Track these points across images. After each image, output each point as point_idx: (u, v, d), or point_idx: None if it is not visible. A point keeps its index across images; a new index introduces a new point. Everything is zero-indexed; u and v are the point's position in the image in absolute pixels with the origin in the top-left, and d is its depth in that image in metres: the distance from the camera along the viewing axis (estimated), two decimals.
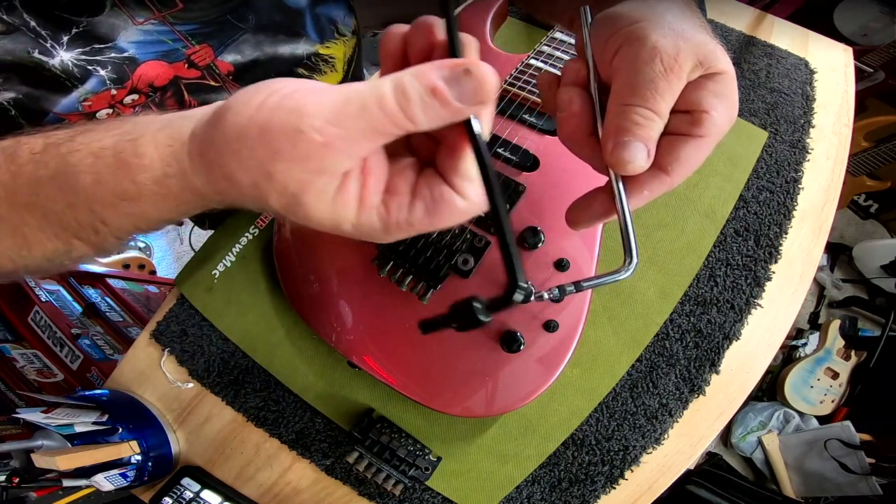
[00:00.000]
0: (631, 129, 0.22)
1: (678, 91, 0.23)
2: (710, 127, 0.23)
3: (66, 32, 0.30)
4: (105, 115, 0.34)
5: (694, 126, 0.23)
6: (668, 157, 0.23)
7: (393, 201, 0.20)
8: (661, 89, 0.22)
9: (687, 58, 0.22)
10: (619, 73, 0.24)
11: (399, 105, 0.18)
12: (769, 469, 1.23)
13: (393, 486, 0.42)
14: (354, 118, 0.18)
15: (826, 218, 0.54)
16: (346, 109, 0.18)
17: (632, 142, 0.22)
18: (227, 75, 0.39)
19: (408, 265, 0.42)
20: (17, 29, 0.29)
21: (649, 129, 0.22)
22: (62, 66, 0.31)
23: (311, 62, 0.44)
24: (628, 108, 0.23)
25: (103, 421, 0.44)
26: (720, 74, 0.23)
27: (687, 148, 0.23)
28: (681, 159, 0.23)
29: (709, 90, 0.23)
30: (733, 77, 0.24)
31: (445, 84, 0.18)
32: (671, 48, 0.22)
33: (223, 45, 0.37)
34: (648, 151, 0.23)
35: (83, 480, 0.41)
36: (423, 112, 0.18)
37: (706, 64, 0.23)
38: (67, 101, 0.32)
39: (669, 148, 0.23)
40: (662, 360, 0.47)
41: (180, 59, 0.36)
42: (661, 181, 0.24)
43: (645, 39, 0.23)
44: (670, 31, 0.23)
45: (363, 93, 0.18)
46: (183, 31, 0.35)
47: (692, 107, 0.23)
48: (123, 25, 0.32)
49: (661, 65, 0.22)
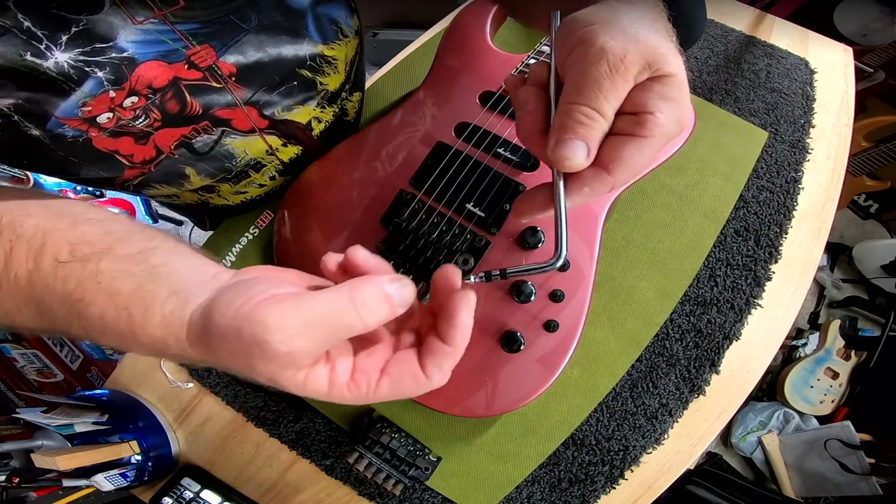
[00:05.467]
0: (573, 126, 0.23)
1: (623, 92, 0.23)
2: (654, 128, 0.23)
3: (66, 32, 0.30)
4: (106, 118, 0.34)
5: (638, 126, 0.23)
6: (610, 155, 0.24)
7: (362, 379, 0.24)
8: (606, 89, 0.23)
9: (634, 60, 0.23)
10: (569, 73, 0.25)
11: (358, 313, 0.22)
12: (769, 469, 1.23)
13: (393, 486, 0.42)
14: (315, 328, 0.21)
15: (826, 218, 0.54)
16: (309, 321, 0.21)
17: (572, 140, 0.23)
18: (230, 76, 0.39)
19: (408, 265, 0.42)
20: (8, 31, 0.28)
21: (591, 128, 0.23)
22: (57, 68, 0.30)
23: (314, 63, 0.44)
24: (572, 106, 0.23)
25: (103, 421, 0.44)
26: (668, 77, 0.23)
27: (629, 147, 0.23)
28: (623, 158, 0.23)
29: (655, 92, 0.23)
30: (682, 80, 0.24)
31: (394, 292, 0.23)
32: (619, 50, 0.23)
33: (225, 46, 0.37)
34: (589, 150, 0.23)
35: (83, 480, 0.41)
36: (376, 316, 0.22)
37: (654, 66, 0.23)
38: (67, 105, 0.32)
39: (612, 147, 0.24)
40: (662, 360, 0.47)
41: (180, 59, 0.35)
42: (602, 180, 0.24)
43: (594, 41, 0.23)
44: (621, 34, 0.23)
45: (324, 306, 0.21)
46: (184, 30, 0.35)
47: (637, 108, 0.23)
48: (123, 24, 0.32)
49: (607, 66, 0.23)
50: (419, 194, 0.45)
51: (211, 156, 0.43)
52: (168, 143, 0.39)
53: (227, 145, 0.43)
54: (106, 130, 0.35)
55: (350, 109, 0.55)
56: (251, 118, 0.43)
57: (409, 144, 0.48)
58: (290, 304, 0.21)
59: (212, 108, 0.40)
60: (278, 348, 0.20)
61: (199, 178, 0.45)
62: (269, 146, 0.47)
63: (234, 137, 0.43)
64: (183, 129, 0.39)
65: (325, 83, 0.46)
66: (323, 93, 0.47)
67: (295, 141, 0.49)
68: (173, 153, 0.40)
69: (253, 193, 0.52)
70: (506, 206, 0.43)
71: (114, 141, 0.36)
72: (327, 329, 0.21)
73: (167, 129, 0.38)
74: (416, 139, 0.48)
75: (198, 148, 0.42)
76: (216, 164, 0.44)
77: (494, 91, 0.50)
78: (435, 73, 0.53)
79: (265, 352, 0.21)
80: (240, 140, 0.44)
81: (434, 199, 0.44)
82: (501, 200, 0.44)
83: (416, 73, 0.65)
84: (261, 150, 0.47)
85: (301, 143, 0.50)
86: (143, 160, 0.39)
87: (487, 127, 0.47)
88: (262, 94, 0.42)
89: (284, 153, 0.50)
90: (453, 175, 0.45)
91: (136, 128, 0.36)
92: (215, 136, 0.42)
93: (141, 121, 0.36)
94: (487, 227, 0.43)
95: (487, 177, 0.45)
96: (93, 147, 0.35)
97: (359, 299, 0.22)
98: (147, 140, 0.38)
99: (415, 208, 0.44)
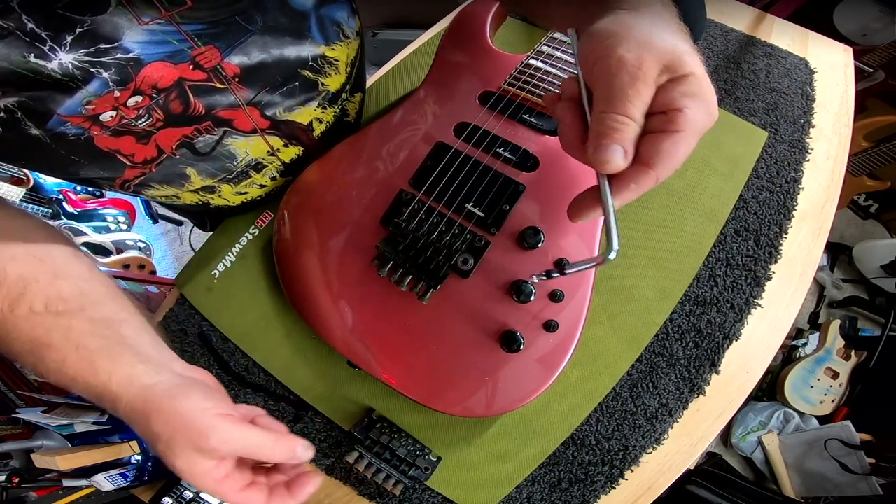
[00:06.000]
0: (607, 132, 0.26)
1: (648, 96, 0.26)
2: (684, 122, 0.25)
3: (70, 32, 0.29)
4: (109, 117, 0.34)
5: (669, 123, 0.25)
6: (648, 151, 0.26)
7: (227, 483, 0.30)
8: (630, 96, 0.25)
9: (651, 66, 0.25)
10: (596, 86, 0.27)
11: (272, 453, 0.31)
12: (769, 469, 1.23)
13: (393, 486, 0.42)
14: (239, 445, 0.30)
15: (826, 218, 0.54)
16: (242, 440, 0.30)
17: (609, 144, 0.25)
18: (234, 77, 0.39)
19: (408, 265, 0.42)
20: (12, 33, 0.28)
21: (623, 131, 0.25)
22: (62, 70, 0.30)
23: (316, 64, 0.44)
24: (604, 115, 0.26)
25: (103, 421, 0.44)
26: (688, 76, 0.26)
27: (665, 142, 0.25)
28: (661, 153, 0.25)
29: (678, 91, 0.25)
30: (702, 77, 0.26)
31: (301, 453, 0.32)
32: (634, 59, 0.25)
33: (230, 47, 0.37)
34: (625, 152, 0.26)
35: (83, 480, 0.41)
36: (279, 459, 0.31)
37: (672, 68, 0.26)
38: (72, 102, 0.32)
39: (649, 144, 0.26)
40: (662, 360, 0.47)
41: (186, 60, 0.35)
42: (645, 175, 0.26)
43: (612, 53, 0.26)
44: (635, 44, 0.26)
45: (254, 437, 0.30)
46: (190, 31, 0.35)
47: (666, 107, 0.26)
48: (128, 25, 0.32)
49: (627, 75, 0.25)
50: (419, 194, 0.45)
51: (212, 156, 0.43)
52: (169, 142, 0.39)
53: (228, 145, 0.43)
54: (108, 129, 0.35)
55: (351, 110, 0.55)
56: (253, 119, 0.43)
57: (409, 144, 0.48)
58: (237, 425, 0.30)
59: (214, 109, 0.40)
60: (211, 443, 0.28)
61: (200, 178, 0.45)
62: (271, 146, 0.47)
63: (236, 138, 0.43)
64: (185, 129, 0.39)
65: (326, 84, 0.47)
66: (324, 93, 0.47)
67: (296, 141, 0.49)
68: (174, 153, 0.40)
69: (254, 194, 0.52)
70: (505, 207, 0.44)
71: (115, 140, 0.36)
72: (248, 450, 0.30)
73: (169, 129, 0.38)
74: (415, 139, 0.49)
75: (199, 148, 0.42)
76: (217, 164, 0.44)
77: (494, 91, 0.50)
78: (435, 73, 0.53)
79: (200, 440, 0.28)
80: (241, 140, 0.44)
81: (434, 199, 0.44)
82: (501, 200, 0.44)
83: (416, 73, 0.65)
84: (262, 150, 0.47)
85: (302, 144, 0.50)
86: (144, 160, 0.39)
87: (487, 127, 0.47)
88: (264, 94, 0.42)
89: (286, 154, 0.50)
90: (453, 175, 0.45)
91: (138, 127, 0.36)
92: (217, 136, 0.42)
93: (143, 120, 0.36)
94: (487, 227, 0.43)
95: (487, 177, 0.45)
96: (94, 146, 0.35)
97: (279, 446, 0.31)
98: (148, 140, 0.38)
99: (414, 208, 0.44)
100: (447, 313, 0.41)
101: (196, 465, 0.29)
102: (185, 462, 0.29)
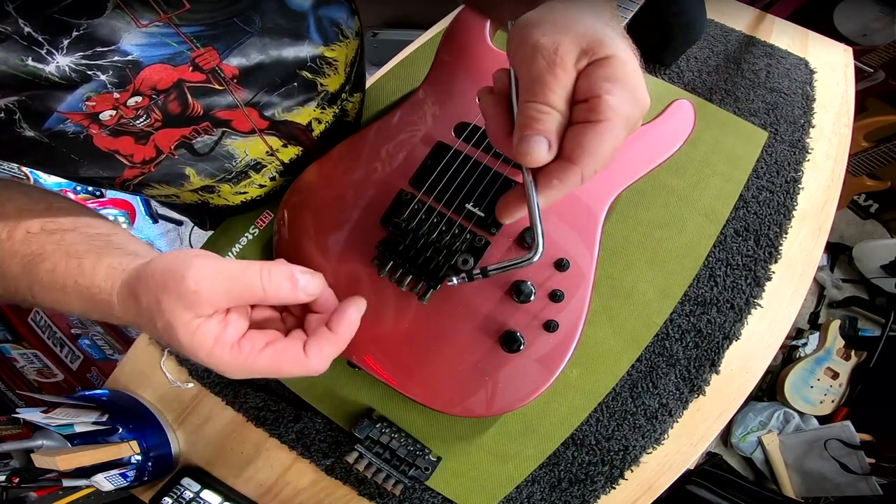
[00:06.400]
0: (529, 123, 0.24)
1: (568, 82, 0.24)
2: (606, 110, 0.23)
3: (66, 36, 0.29)
4: (109, 116, 0.34)
5: (590, 112, 0.23)
6: (570, 144, 0.24)
7: (246, 344, 0.27)
8: (549, 83, 0.24)
9: (567, 50, 0.24)
10: (519, 74, 0.26)
11: (262, 279, 0.27)
12: (769, 469, 1.23)
13: (393, 486, 0.42)
14: (223, 279, 0.26)
15: (826, 218, 0.54)
16: (220, 270, 0.26)
17: (531, 135, 0.24)
18: (232, 78, 0.39)
19: (408, 265, 0.42)
20: (9, 37, 0.28)
21: (543, 121, 0.24)
22: (60, 72, 0.30)
23: (315, 65, 0.44)
24: (525, 104, 0.24)
25: (103, 421, 0.44)
26: (608, 58, 0.24)
27: (588, 134, 0.23)
28: (583, 146, 0.23)
29: (598, 76, 0.24)
30: (625, 59, 0.24)
31: (300, 276, 0.28)
32: (550, 44, 0.24)
33: (229, 48, 0.37)
34: (549, 143, 0.24)
35: (83, 480, 0.41)
36: (278, 288, 0.27)
37: (591, 52, 0.24)
38: (72, 98, 0.32)
39: (571, 136, 0.24)
40: (662, 360, 0.47)
41: (185, 62, 0.35)
42: (568, 171, 0.24)
43: (528, 41, 0.25)
44: (551, 28, 0.25)
45: (237, 266, 0.27)
46: (188, 33, 0.35)
47: (587, 94, 0.24)
48: (127, 28, 0.32)
49: (543, 60, 0.24)
50: (419, 194, 0.45)
51: (211, 156, 0.43)
52: (168, 143, 0.39)
53: (227, 146, 0.43)
54: (107, 128, 0.35)
55: (350, 110, 0.55)
56: (251, 119, 0.43)
57: (409, 144, 0.48)
58: (210, 258, 0.27)
59: (213, 110, 0.40)
60: (189, 285, 0.25)
61: (199, 178, 0.45)
62: (270, 147, 0.47)
63: (235, 138, 0.43)
64: (183, 129, 0.39)
65: (325, 84, 0.46)
66: (323, 94, 0.47)
67: (295, 142, 0.49)
68: (173, 153, 0.40)
69: (253, 194, 0.52)
70: None
71: (114, 140, 0.36)
72: (232, 282, 0.26)
73: (167, 130, 0.38)
74: (415, 139, 0.49)
75: (198, 148, 0.42)
76: (216, 164, 0.44)
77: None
78: (435, 73, 0.53)
79: (178, 285, 0.25)
80: (240, 141, 0.44)
81: (434, 199, 0.44)
82: None
83: (416, 73, 0.65)
84: (261, 150, 0.47)
85: (301, 144, 0.50)
86: (142, 160, 0.39)
87: None
88: (262, 95, 0.42)
89: (285, 154, 0.50)
90: (453, 175, 0.45)
91: (135, 127, 0.36)
92: (215, 136, 0.42)
93: (142, 120, 0.36)
94: (487, 227, 0.43)
95: (487, 177, 0.45)
96: (93, 145, 0.35)
97: (267, 270, 0.27)
98: (147, 140, 0.38)
99: (414, 208, 0.44)
100: (447, 313, 0.41)
101: (195, 329, 0.26)
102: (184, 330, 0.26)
